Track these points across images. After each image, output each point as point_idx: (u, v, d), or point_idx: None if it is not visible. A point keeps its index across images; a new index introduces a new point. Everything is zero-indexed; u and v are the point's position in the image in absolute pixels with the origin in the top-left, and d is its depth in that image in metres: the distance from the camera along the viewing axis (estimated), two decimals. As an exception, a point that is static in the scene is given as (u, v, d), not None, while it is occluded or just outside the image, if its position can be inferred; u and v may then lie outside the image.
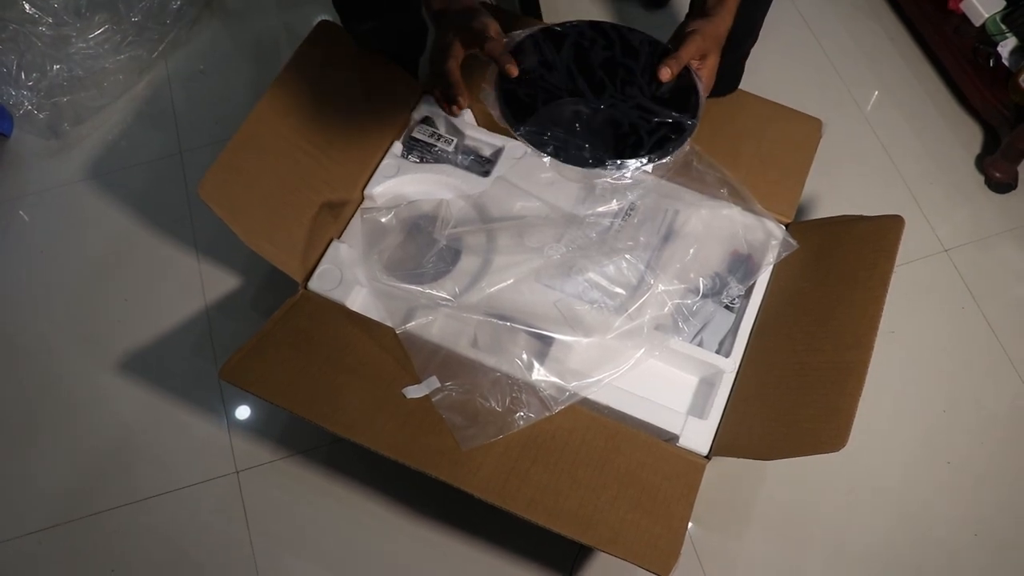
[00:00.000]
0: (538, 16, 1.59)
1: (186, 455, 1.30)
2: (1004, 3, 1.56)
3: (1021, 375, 1.39)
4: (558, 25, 1.02)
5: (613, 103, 0.99)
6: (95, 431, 1.31)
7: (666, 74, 0.95)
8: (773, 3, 1.27)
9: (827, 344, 1.10)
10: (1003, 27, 1.53)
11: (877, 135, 1.60)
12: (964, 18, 1.58)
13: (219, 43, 1.67)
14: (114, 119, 1.59)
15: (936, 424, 1.34)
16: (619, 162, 0.92)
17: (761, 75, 1.45)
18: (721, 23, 1.01)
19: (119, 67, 1.60)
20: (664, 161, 0.94)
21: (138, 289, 1.43)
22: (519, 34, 1.00)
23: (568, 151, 0.94)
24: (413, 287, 1.16)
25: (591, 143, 0.94)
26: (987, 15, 1.55)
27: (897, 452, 1.32)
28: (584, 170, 0.93)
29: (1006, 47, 1.53)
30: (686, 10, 1.39)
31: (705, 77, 1.00)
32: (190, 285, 1.42)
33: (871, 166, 1.57)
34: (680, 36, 1.00)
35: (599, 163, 0.93)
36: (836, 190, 1.50)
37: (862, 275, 1.13)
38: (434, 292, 1.16)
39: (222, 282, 1.43)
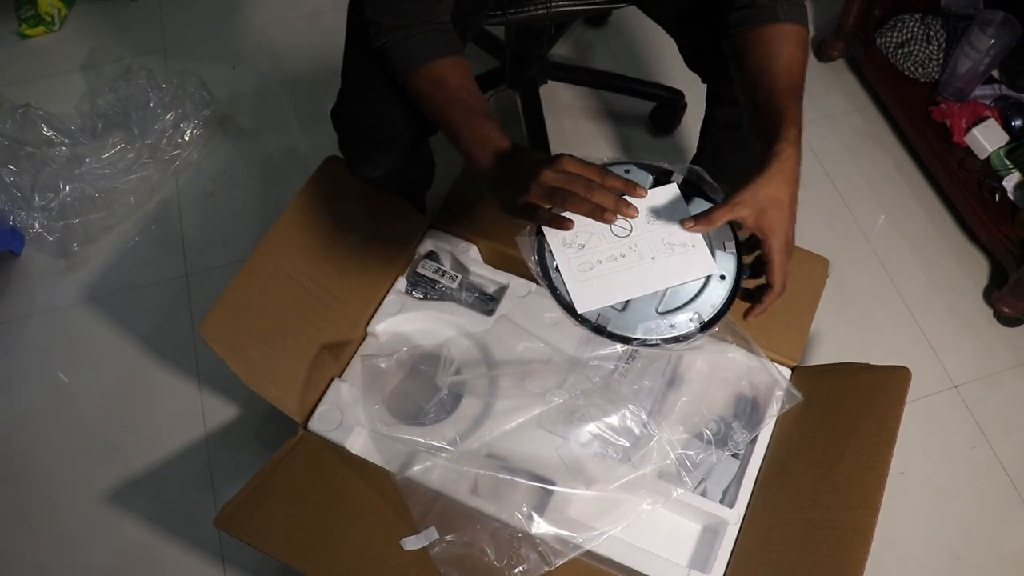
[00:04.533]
0: (545, 143, 1.61)
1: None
2: (1008, 138, 1.57)
3: (1035, 516, 1.36)
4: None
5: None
6: (93, 566, 1.29)
7: (689, 224, 0.91)
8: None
9: (832, 501, 1.07)
10: (1007, 162, 1.54)
11: (885, 267, 1.59)
12: (969, 151, 1.59)
13: (230, 165, 1.70)
14: (123, 239, 1.60)
15: (947, 571, 1.31)
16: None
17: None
18: (767, 184, 0.90)
19: (130, 187, 1.62)
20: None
21: (137, 416, 1.42)
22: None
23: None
24: (413, 437, 1.15)
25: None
26: (991, 149, 1.56)
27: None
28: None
29: (1011, 182, 1.53)
30: (691, 136, 1.42)
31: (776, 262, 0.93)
32: (191, 413, 1.42)
33: (879, 298, 1.56)
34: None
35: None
36: (844, 324, 1.50)
37: (869, 429, 1.11)
38: (434, 442, 1.14)
39: (223, 411, 1.42)
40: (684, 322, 0.93)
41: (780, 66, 0.94)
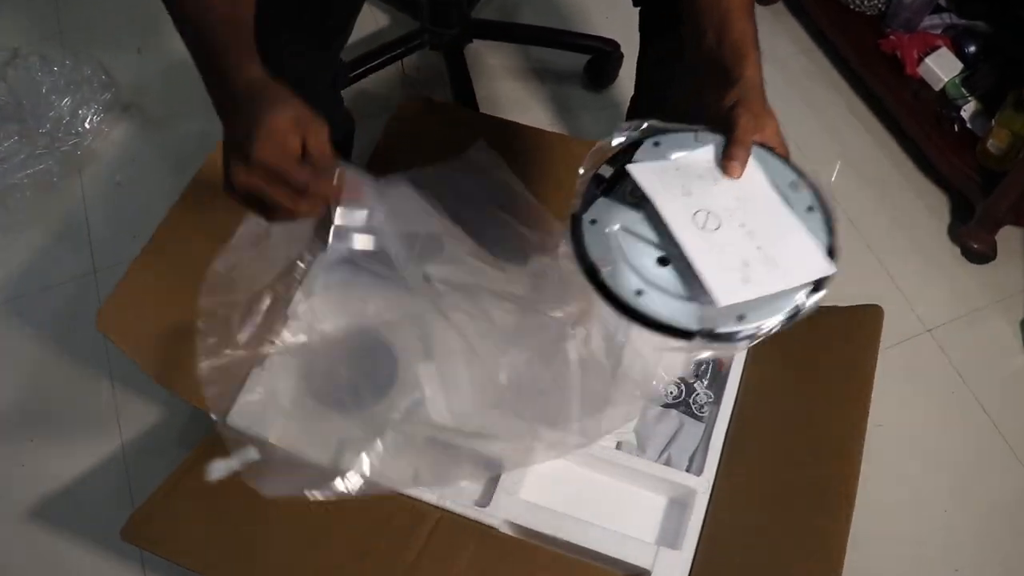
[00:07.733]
0: (474, 107, 1.50)
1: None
2: (962, 66, 1.49)
3: (1020, 458, 1.27)
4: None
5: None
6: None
7: (736, 170, 0.73)
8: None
9: (808, 456, 0.99)
10: (963, 91, 1.47)
11: (844, 209, 1.50)
12: (923, 83, 1.52)
13: (138, 153, 1.57)
14: (22, 239, 1.47)
15: (938, 526, 1.22)
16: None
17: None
18: (753, 83, 0.75)
19: (28, 182, 1.49)
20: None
21: (47, 427, 1.30)
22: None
23: None
24: (343, 422, 1.04)
25: None
26: (946, 79, 1.49)
27: (900, 565, 1.19)
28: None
29: (968, 110, 1.46)
30: (629, 90, 1.33)
31: (779, 148, 0.76)
32: (105, 420, 1.29)
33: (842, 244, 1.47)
34: (721, 115, 0.75)
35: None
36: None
37: (842, 375, 1.02)
38: (368, 425, 1.03)
39: (142, 415, 1.30)
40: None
41: None
